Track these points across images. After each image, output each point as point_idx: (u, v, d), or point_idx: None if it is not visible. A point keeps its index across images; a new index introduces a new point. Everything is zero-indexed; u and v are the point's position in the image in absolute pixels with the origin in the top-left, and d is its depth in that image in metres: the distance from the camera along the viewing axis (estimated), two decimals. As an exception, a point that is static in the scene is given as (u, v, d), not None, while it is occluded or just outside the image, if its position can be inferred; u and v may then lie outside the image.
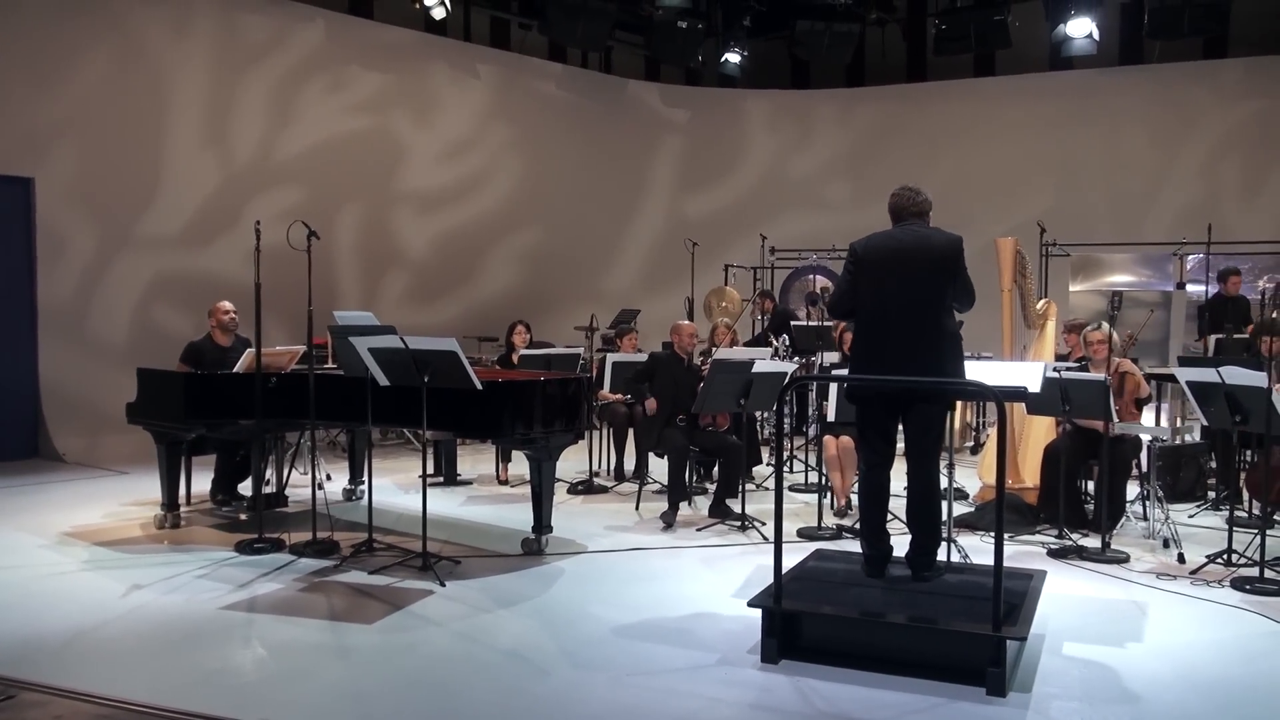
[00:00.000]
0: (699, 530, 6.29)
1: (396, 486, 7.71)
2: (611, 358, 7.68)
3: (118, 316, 9.34)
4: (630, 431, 8.02)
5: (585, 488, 7.63)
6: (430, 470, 7.76)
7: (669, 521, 6.42)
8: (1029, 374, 4.52)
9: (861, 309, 4.52)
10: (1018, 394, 4.56)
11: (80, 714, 3.51)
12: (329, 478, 7.46)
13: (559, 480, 6.96)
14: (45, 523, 6.29)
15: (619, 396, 7.81)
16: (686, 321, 7.33)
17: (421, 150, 11.78)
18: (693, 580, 5.21)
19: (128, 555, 5.60)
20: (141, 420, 6.27)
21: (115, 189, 9.32)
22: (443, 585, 4.99)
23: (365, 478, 6.33)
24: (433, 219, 11.89)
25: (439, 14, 11.02)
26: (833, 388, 6.27)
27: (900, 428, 4.55)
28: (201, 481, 6.93)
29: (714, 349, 7.65)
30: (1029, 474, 6.73)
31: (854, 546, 5.68)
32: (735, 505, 6.51)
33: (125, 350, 8.98)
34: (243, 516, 6.52)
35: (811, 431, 8.05)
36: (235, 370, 6.16)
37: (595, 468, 7.91)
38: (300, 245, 5.39)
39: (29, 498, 7.17)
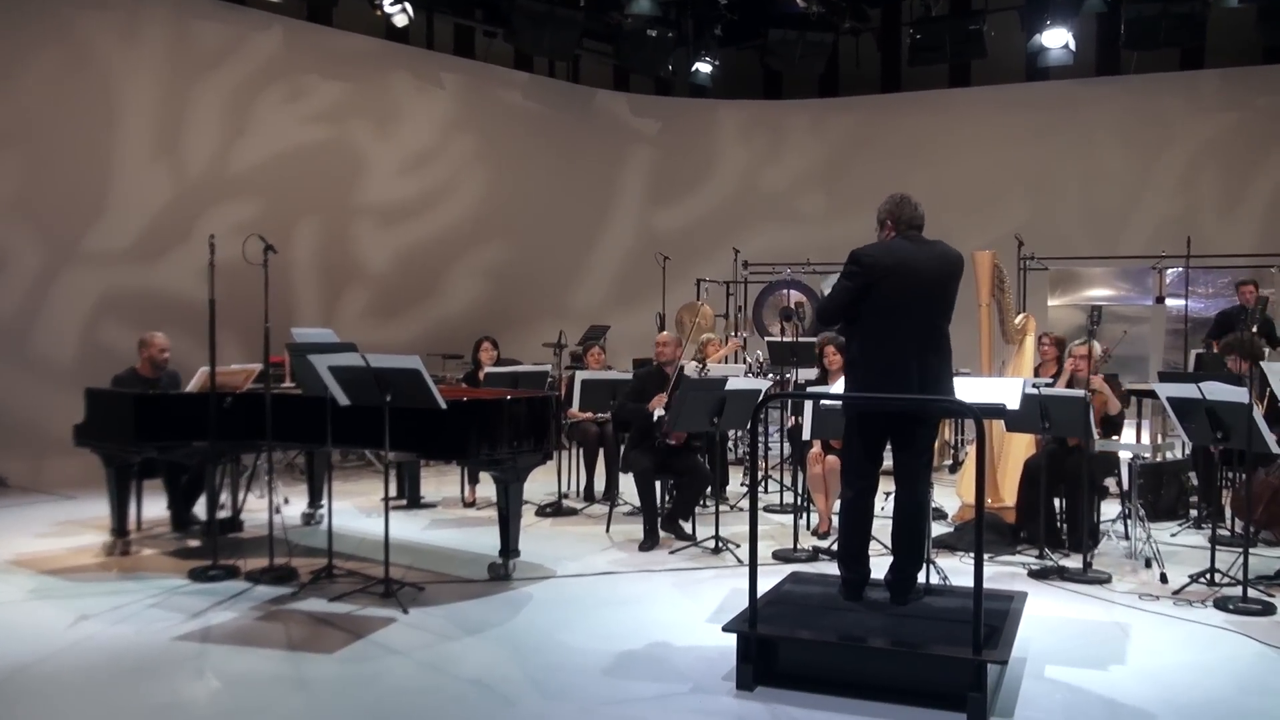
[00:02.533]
0: (672, 553, 6.29)
1: (357, 510, 7.65)
2: (581, 375, 7.67)
3: (64, 334, 9.22)
4: (600, 451, 8.01)
5: (554, 510, 7.61)
6: (393, 493, 7.69)
7: (647, 547, 6.43)
8: (1008, 390, 4.56)
9: (874, 323, 4.43)
10: (997, 411, 4.60)
11: (24, 752, 3.46)
12: (286, 501, 7.38)
13: (527, 502, 6.95)
14: (-14, 551, 6.19)
15: (589, 415, 7.80)
16: (668, 332, 7.35)
17: (383, 162, 11.75)
18: (665, 605, 5.21)
19: (75, 584, 5.52)
20: (90, 442, 6.19)
21: (61, 201, 9.21)
22: (406, 613, 4.96)
23: (325, 501, 6.28)
24: (394, 232, 11.85)
25: (400, 21, 11.01)
26: (808, 404, 6.30)
27: (889, 448, 4.58)
28: (152, 507, 6.84)
29: (705, 363, 7.67)
30: (1008, 493, 6.78)
31: (831, 569, 5.71)
32: (688, 527, 6.64)
33: (72, 370, 8.85)
34: (192, 542, 6.45)
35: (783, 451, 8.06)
36: (188, 389, 6.10)
37: (564, 489, 7.89)
38: (256, 260, 5.36)
39: (-31, 525, 7.05)
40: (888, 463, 4.60)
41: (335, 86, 11.24)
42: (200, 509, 6.68)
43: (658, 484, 6.66)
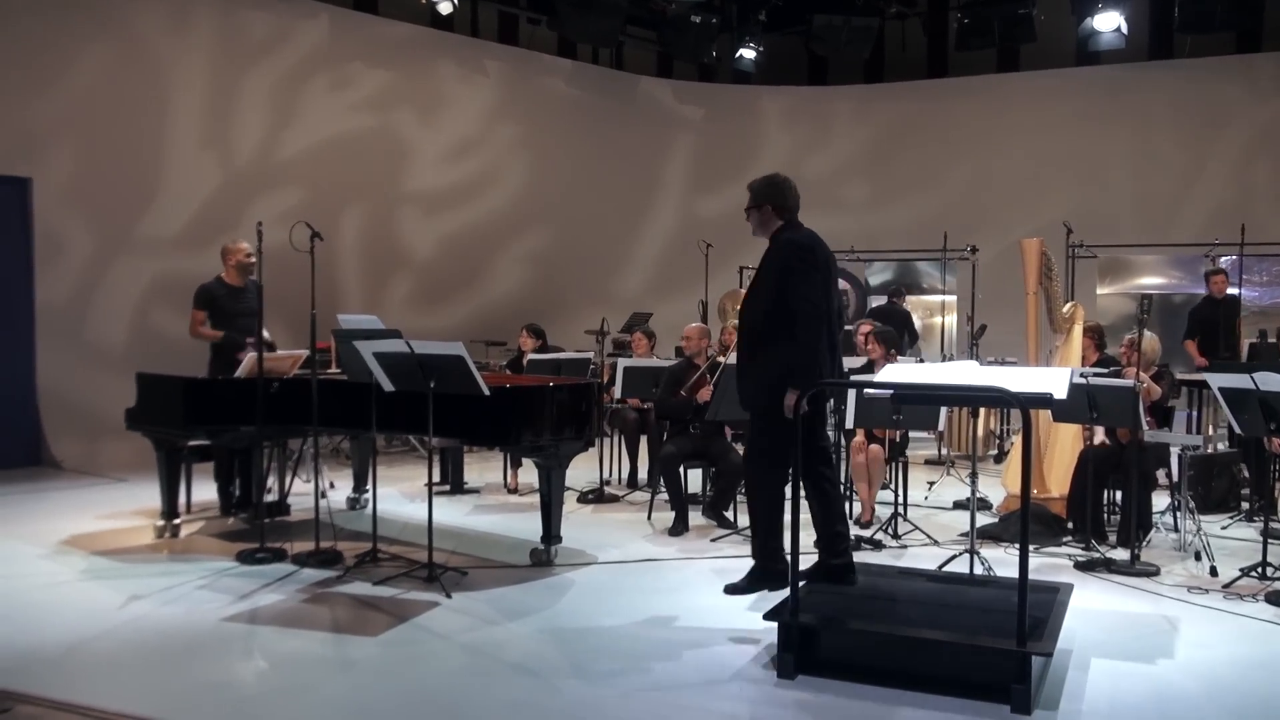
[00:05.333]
0: (713, 541, 6.29)
1: (401, 495, 7.73)
2: (623, 363, 7.68)
3: (117, 320, 9.39)
4: (642, 438, 8.02)
5: (596, 497, 7.63)
6: (436, 478, 7.77)
7: (676, 532, 6.47)
8: (1055, 380, 4.50)
9: (819, 310, 4.45)
10: (1043, 400, 4.54)
11: (78, 728, 3.54)
12: (332, 486, 7.48)
13: (569, 489, 6.98)
14: (43, 531, 6.33)
15: (633, 402, 7.81)
16: (694, 325, 7.33)
17: (427, 149, 11.82)
18: (707, 592, 5.21)
19: (126, 565, 5.63)
20: (141, 426, 6.30)
21: (114, 189, 9.37)
22: (449, 597, 5.00)
23: (369, 486, 6.34)
24: (439, 220, 11.92)
25: (445, 9, 11.07)
26: (851, 393, 6.26)
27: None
28: (202, 490, 6.96)
29: (726, 352, 7.64)
30: (1055, 483, 6.71)
31: (874, 558, 5.69)
32: (730, 514, 6.64)
33: (124, 354, 9.02)
34: (230, 522, 6.55)
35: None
36: (237, 375, 6.19)
37: (606, 476, 7.92)
38: (303, 247, 5.42)
39: (26, 506, 7.21)
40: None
41: (380, 75, 11.32)
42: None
43: (682, 470, 6.68)
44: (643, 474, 8.03)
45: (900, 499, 6.69)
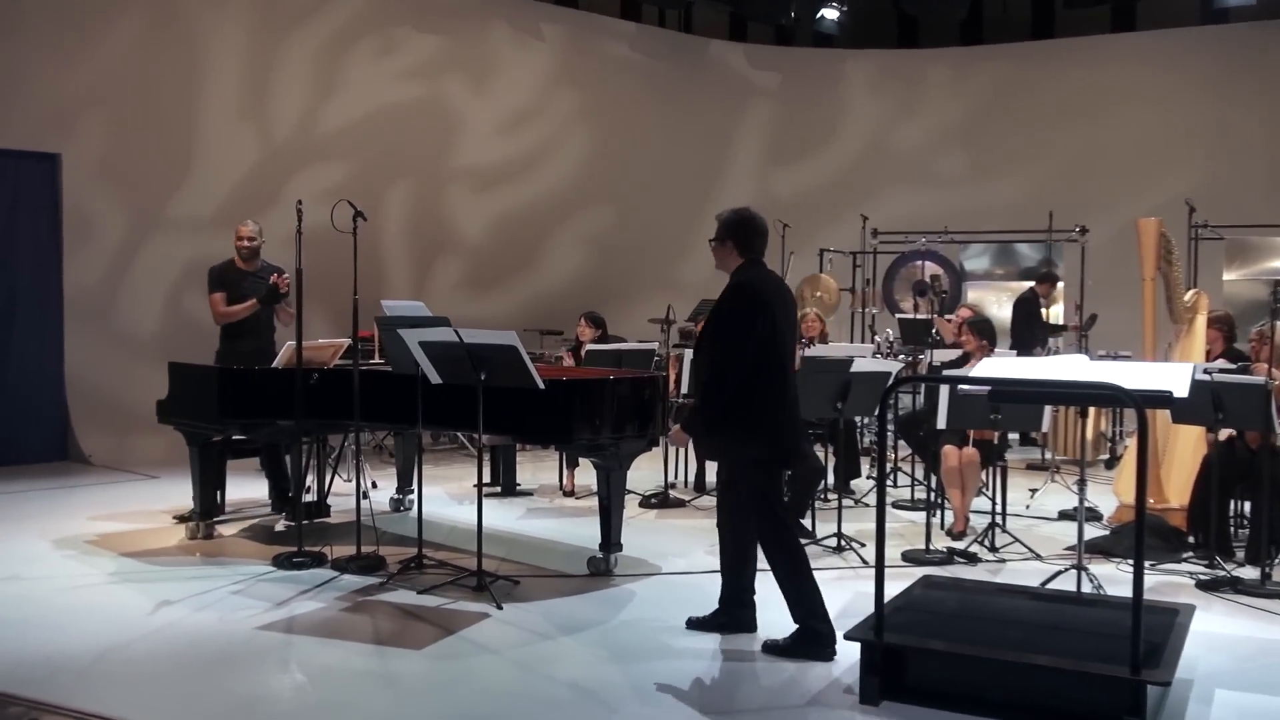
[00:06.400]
0: (788, 551, 6.24)
1: (449, 496, 7.80)
2: (690, 354, 7.65)
3: (148, 305, 9.59)
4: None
5: (660, 500, 7.63)
6: (486, 479, 7.83)
7: None
8: (1175, 376, 4.38)
9: (771, 358, 4.48)
10: (1162, 399, 4.43)
11: (105, 741, 3.62)
12: (375, 486, 7.57)
13: (630, 492, 6.97)
14: (70, 531, 6.49)
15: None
16: None
17: (479, 121, 11.89)
18: (780, 608, 5.16)
19: (157, 568, 5.75)
20: (173, 419, 6.43)
21: (146, 166, 9.57)
22: (499, 608, 5.03)
23: (415, 486, 6.40)
24: (491, 198, 11.99)
25: (499, -32, 11.12)
26: (943, 390, 6.17)
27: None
28: (237, 488, 7.08)
29: (803, 343, 7.59)
30: (1174, 493, 6.56)
31: (969, 573, 5.60)
32: (807, 523, 6.59)
33: (156, 342, 9.22)
34: (278, 521, 6.66)
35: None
36: (274, 365, 6.28)
37: (671, 478, 7.91)
38: (345, 227, 5.48)
39: (53, 503, 7.40)
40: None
41: (429, 40, 11.41)
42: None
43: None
44: (710, 476, 8.00)
45: (999, 508, 6.58)
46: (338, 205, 5.48)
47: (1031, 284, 10.52)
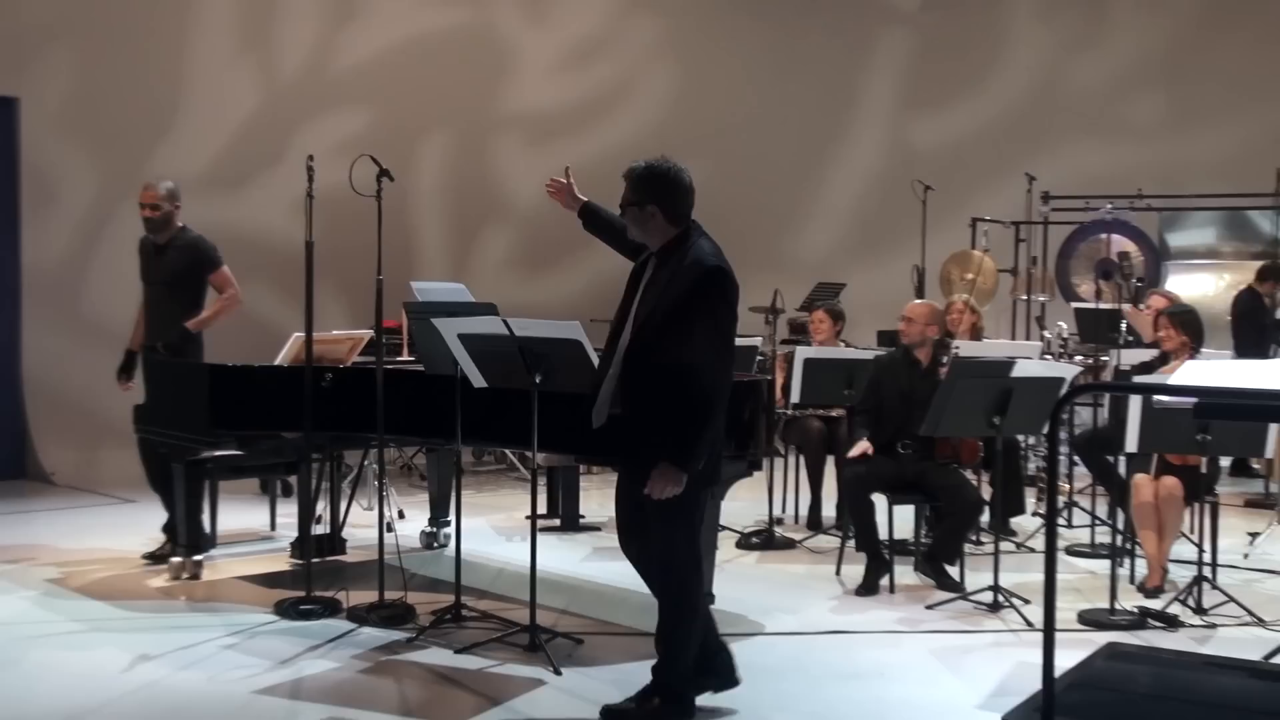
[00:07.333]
0: (929, 608, 6.19)
1: (495, 531, 7.86)
2: (803, 353, 7.64)
3: (122, 287, 9.70)
4: (830, 459, 7.96)
5: (763, 540, 7.61)
6: (542, 509, 7.87)
7: (867, 591, 6.44)
8: None
9: (728, 376, 4.62)
10: None
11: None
12: (402, 516, 7.66)
13: (725, 528, 6.96)
14: (28, 567, 6.65)
15: (818, 411, 7.78)
16: (919, 301, 7.22)
17: (534, 56, 11.95)
18: (920, 681, 5.14)
19: (133, 614, 5.86)
20: (153, 430, 6.54)
21: (121, 113, 9.76)
22: (558, 673, 5.04)
23: (452, 518, 6.47)
24: (549, 153, 12.02)
25: None
26: (1134, 402, 6.07)
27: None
28: (231, 516, 7.19)
29: (952, 342, 7.52)
30: None
31: (1168, 640, 5.51)
32: (954, 571, 6.51)
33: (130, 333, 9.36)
34: (286, 565, 6.77)
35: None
36: (278, 362, 6.35)
37: (778, 511, 7.89)
38: (368, 189, 5.54)
39: (8, 531, 7.60)
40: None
41: (473, -47, 11.51)
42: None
43: (883, 502, 6.59)
44: (830, 510, 7.96)
45: (1207, 556, 6.45)
46: (358, 162, 5.53)
47: (1252, 277, 10.29)
